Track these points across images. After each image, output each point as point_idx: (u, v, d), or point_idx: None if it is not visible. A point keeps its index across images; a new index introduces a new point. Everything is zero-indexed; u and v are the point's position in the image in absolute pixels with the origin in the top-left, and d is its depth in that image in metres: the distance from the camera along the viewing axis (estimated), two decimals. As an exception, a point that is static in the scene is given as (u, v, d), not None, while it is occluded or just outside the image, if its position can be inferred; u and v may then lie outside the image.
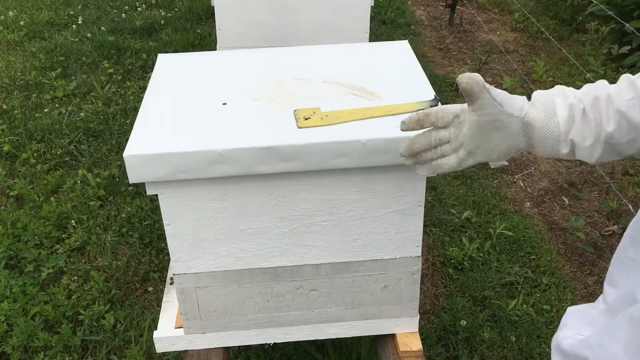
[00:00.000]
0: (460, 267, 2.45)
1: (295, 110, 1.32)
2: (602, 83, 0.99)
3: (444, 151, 1.06)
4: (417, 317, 1.52)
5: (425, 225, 1.92)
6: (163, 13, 4.80)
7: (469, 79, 0.97)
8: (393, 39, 3.98)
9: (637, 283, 0.88)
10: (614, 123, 0.93)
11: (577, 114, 0.96)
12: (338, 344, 2.02)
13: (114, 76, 3.88)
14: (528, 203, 2.88)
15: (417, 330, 1.54)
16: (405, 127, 1.07)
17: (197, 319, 1.46)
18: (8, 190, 2.88)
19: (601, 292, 1.02)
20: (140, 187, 2.80)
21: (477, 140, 1.01)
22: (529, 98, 1.02)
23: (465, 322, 2.17)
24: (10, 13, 4.75)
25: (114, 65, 4.02)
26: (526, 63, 4.12)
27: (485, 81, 1.01)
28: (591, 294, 2.34)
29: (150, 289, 2.37)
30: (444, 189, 2.89)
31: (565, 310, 1.05)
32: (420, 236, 1.41)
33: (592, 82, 1.02)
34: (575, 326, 0.98)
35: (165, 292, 1.65)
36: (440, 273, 2.45)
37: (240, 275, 1.41)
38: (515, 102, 0.99)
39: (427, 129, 1.07)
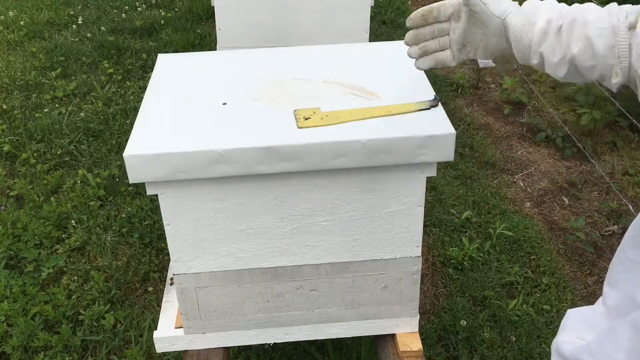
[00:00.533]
0: (460, 267, 2.45)
1: (295, 110, 1.32)
2: (591, 6, 1.01)
3: (444, 43, 1.13)
4: (417, 317, 1.52)
5: (425, 225, 1.92)
6: (163, 13, 4.80)
7: None
8: (393, 39, 3.98)
9: (637, 285, 0.88)
10: (578, 46, 0.98)
11: (552, 30, 1.01)
12: (338, 344, 2.02)
13: (114, 76, 3.88)
14: (528, 203, 2.88)
15: (417, 330, 1.54)
16: (412, 22, 1.12)
17: (197, 319, 1.46)
18: (8, 190, 2.88)
19: (601, 293, 1.02)
20: (140, 187, 2.80)
21: (467, 34, 1.10)
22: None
23: (465, 322, 2.17)
24: (10, 13, 4.75)
25: (114, 65, 4.02)
26: (526, 63, 4.11)
27: (485, 81, 1.02)
28: (591, 294, 2.34)
29: (150, 289, 2.37)
30: (444, 189, 2.89)
31: (565, 311, 1.05)
32: (420, 236, 1.41)
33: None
34: (576, 329, 0.98)
35: (165, 292, 1.65)
36: (440, 273, 2.45)
37: (240, 275, 1.41)
38: (501, 4, 1.06)
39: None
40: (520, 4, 1.06)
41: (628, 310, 0.83)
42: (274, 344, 1.55)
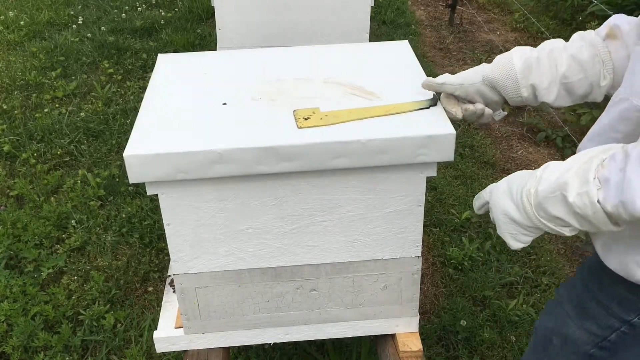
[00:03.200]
0: (460, 267, 2.45)
1: (295, 110, 1.32)
2: (558, 40, 1.22)
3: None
4: (417, 317, 1.52)
5: (425, 225, 1.92)
6: (163, 13, 4.80)
7: (424, 84, 1.30)
8: (393, 39, 3.98)
9: None
10: (565, 65, 1.16)
11: (532, 62, 1.19)
12: (338, 344, 2.02)
13: (114, 76, 3.88)
14: (528, 203, 2.88)
15: (417, 330, 1.54)
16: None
17: (197, 319, 1.46)
18: (8, 190, 2.88)
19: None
20: (140, 187, 2.80)
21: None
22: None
23: (465, 322, 2.17)
24: (10, 13, 4.75)
25: (114, 65, 4.02)
26: (526, 63, 4.11)
27: None
28: (591, 294, 2.34)
29: (150, 289, 2.37)
30: (444, 189, 2.89)
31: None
32: (420, 236, 1.41)
33: None
34: None
35: (165, 292, 1.65)
36: (440, 273, 2.45)
37: (240, 275, 1.41)
38: (474, 73, 1.26)
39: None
40: None
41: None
42: (274, 344, 1.55)
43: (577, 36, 1.19)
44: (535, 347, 1.27)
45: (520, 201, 1.02)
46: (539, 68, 1.17)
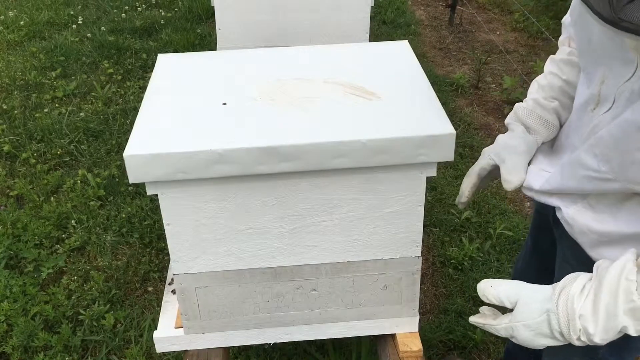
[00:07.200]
0: (460, 267, 2.45)
1: None
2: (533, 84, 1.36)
3: None
4: (417, 317, 1.52)
5: (425, 225, 1.92)
6: (163, 13, 4.80)
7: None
8: (393, 39, 3.98)
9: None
10: (561, 73, 1.31)
11: (534, 108, 1.32)
12: (338, 344, 2.02)
13: (114, 76, 3.88)
14: (528, 203, 2.88)
15: (417, 330, 1.54)
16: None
17: (197, 319, 1.46)
18: (8, 190, 2.88)
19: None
20: (140, 187, 2.80)
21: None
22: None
23: (465, 322, 2.17)
24: (10, 13, 4.75)
25: (114, 65, 4.02)
26: (526, 63, 4.11)
27: (485, 81, 1.19)
28: (591, 294, 2.34)
29: (150, 289, 2.37)
30: (444, 189, 2.89)
31: None
32: (420, 236, 1.41)
33: None
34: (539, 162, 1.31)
35: (165, 292, 1.65)
36: (440, 273, 2.45)
37: (240, 275, 1.41)
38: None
39: None
40: None
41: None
42: (274, 344, 1.55)
43: (548, 61, 1.34)
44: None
45: (563, 338, 1.06)
46: (540, 108, 1.30)
